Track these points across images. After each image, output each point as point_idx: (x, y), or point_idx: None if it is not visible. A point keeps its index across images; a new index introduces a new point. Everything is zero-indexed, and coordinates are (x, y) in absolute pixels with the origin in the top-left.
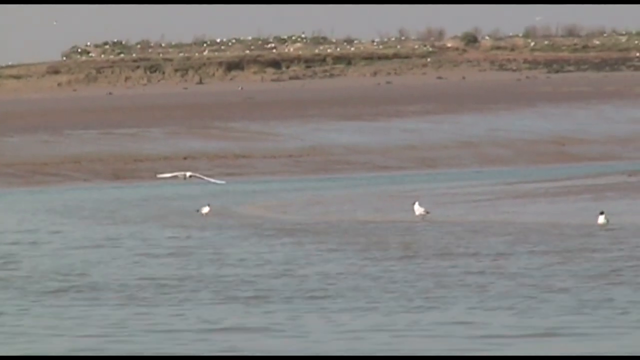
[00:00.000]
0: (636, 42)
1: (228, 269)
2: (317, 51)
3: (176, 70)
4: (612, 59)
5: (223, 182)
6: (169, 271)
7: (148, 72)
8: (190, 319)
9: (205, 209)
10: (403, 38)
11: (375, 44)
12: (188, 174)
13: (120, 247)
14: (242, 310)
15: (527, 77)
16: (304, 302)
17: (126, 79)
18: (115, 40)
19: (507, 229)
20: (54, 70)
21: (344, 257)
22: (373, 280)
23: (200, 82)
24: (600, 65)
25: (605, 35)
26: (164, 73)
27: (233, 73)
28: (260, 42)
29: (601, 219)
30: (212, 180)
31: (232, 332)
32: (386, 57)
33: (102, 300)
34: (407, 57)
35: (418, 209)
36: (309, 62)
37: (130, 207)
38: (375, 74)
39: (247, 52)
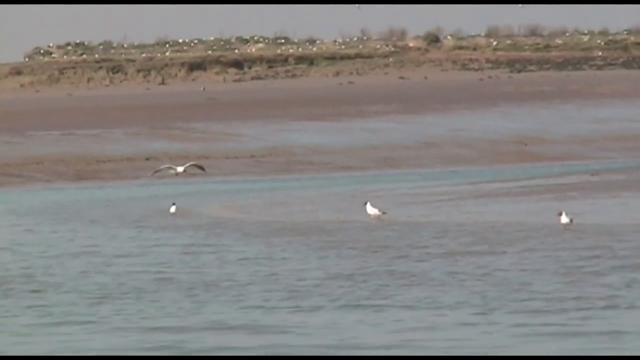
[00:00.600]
0: (598, 41)
1: (191, 269)
2: (279, 51)
3: (138, 71)
4: (574, 58)
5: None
6: (132, 271)
7: (110, 73)
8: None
9: (173, 209)
10: (365, 38)
11: (337, 44)
12: (180, 169)
13: (88, 248)
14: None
15: (489, 77)
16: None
17: (89, 79)
18: (78, 41)
19: (470, 228)
20: (17, 71)
21: (304, 257)
22: (330, 279)
23: (163, 83)
24: (563, 64)
25: (567, 34)
26: (126, 74)
27: (195, 73)
28: (222, 42)
29: (564, 219)
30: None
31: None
32: (348, 57)
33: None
34: (369, 57)
35: (371, 210)
36: (271, 62)
37: (95, 207)
38: (337, 74)
39: (209, 52)
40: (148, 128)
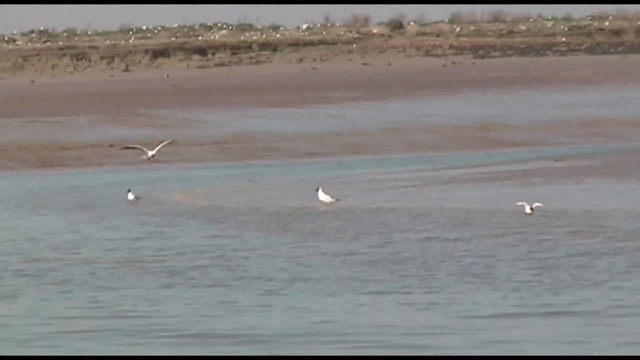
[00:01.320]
0: (562, 27)
1: (147, 253)
2: (242, 38)
3: (102, 58)
4: (538, 44)
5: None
6: (95, 257)
7: (74, 60)
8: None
9: (130, 196)
10: (329, 24)
11: (300, 30)
12: (150, 153)
13: (55, 235)
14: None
15: (453, 63)
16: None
17: (52, 67)
18: (42, 28)
19: (434, 214)
20: None
21: (265, 242)
22: (292, 265)
23: (127, 70)
24: (526, 50)
25: (531, 20)
26: (90, 61)
27: (159, 60)
28: (186, 29)
29: (527, 208)
30: (163, 144)
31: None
32: (312, 44)
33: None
34: (332, 43)
35: (323, 196)
36: (234, 49)
37: (61, 195)
38: (301, 60)
39: (173, 39)
40: (112, 115)
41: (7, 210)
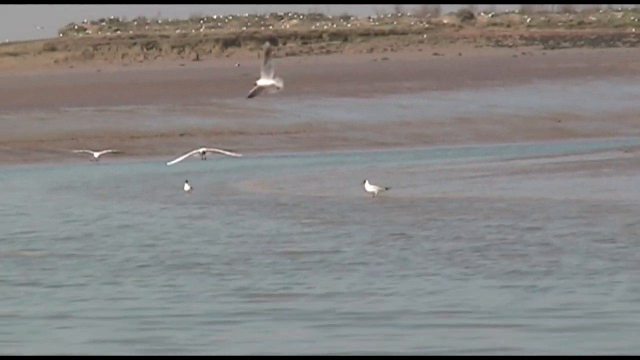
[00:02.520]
0: (632, 18)
1: (217, 246)
2: (313, 28)
3: (173, 47)
4: (608, 35)
5: (240, 155)
6: (162, 248)
7: (144, 49)
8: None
9: (186, 187)
10: (399, 14)
11: (371, 20)
12: (202, 149)
13: (121, 223)
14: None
15: (523, 54)
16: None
17: (123, 55)
18: (112, 17)
19: (504, 204)
20: (51, 47)
21: (336, 233)
22: (364, 255)
23: (197, 59)
24: (596, 41)
25: (601, 11)
26: (160, 50)
27: (230, 50)
28: (256, 18)
29: None
30: (229, 153)
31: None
32: (382, 34)
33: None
34: (403, 33)
35: (370, 187)
36: (305, 38)
37: (131, 183)
38: (371, 50)
39: (244, 28)
40: (182, 104)
41: (75, 199)
